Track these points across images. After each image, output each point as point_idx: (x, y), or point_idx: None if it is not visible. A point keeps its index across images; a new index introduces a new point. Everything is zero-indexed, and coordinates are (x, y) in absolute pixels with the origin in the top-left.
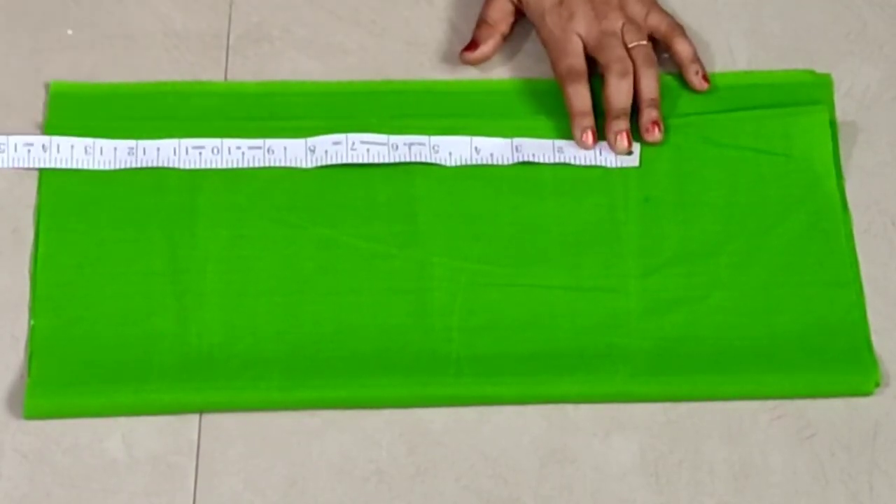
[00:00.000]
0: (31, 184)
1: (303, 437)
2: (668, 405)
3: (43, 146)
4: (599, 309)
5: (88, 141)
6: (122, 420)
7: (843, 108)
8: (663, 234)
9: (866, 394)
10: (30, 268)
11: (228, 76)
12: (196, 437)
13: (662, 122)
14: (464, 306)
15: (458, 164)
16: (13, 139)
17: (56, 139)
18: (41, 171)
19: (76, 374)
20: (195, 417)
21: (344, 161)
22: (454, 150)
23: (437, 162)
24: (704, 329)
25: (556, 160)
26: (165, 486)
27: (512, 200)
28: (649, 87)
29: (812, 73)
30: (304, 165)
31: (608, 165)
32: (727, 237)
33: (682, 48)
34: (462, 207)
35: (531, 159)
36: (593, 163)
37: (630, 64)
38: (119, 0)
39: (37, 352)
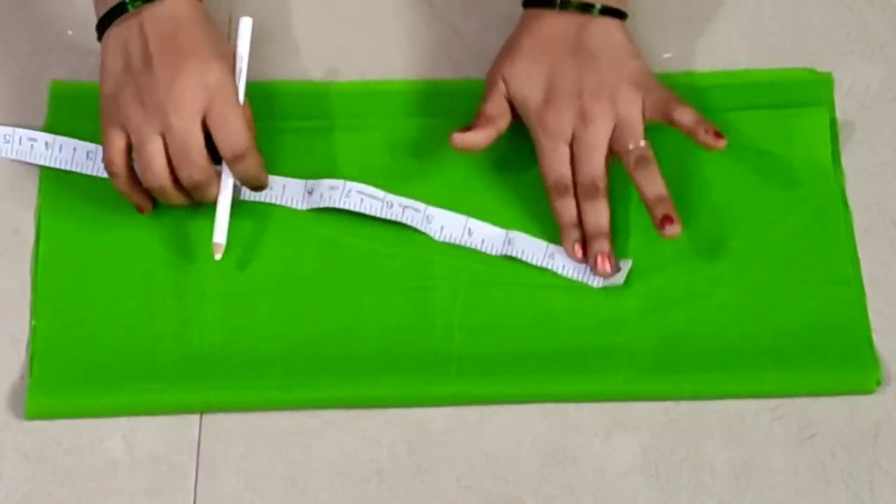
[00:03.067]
0: (32, 184)
1: (303, 437)
2: (669, 405)
3: (46, 143)
4: (601, 308)
5: (91, 146)
6: (123, 420)
7: (844, 108)
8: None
9: (868, 392)
10: (31, 268)
11: None
12: (197, 436)
13: (676, 212)
14: (465, 305)
15: (447, 241)
16: (19, 132)
17: (60, 139)
18: (41, 171)
19: (77, 374)
20: (196, 417)
21: (337, 206)
22: (447, 225)
23: (427, 232)
24: (706, 328)
25: (544, 265)
26: (166, 486)
27: (511, 199)
28: (651, 187)
29: (812, 71)
30: (299, 207)
31: (594, 285)
32: (728, 236)
33: (682, 117)
34: (461, 207)
35: (520, 256)
36: (581, 278)
37: (602, 183)
38: None
39: (38, 352)
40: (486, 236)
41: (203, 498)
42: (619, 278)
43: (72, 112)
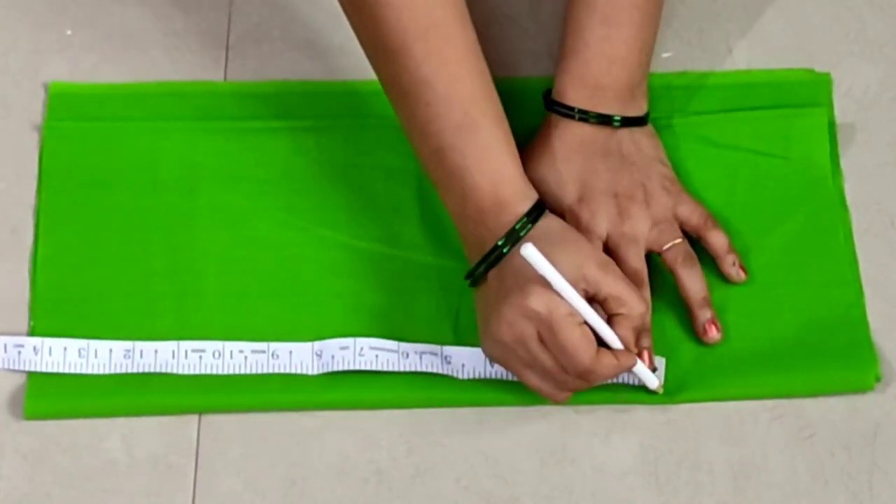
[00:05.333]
0: (31, 184)
1: (302, 438)
2: (667, 405)
3: (34, 348)
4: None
5: (82, 343)
6: (122, 420)
7: (843, 109)
8: None
9: (866, 389)
10: (29, 268)
11: (228, 76)
12: (195, 437)
13: (719, 321)
14: (464, 307)
15: (471, 377)
16: (2, 339)
17: (48, 341)
18: (40, 170)
19: (76, 376)
20: (195, 417)
21: (352, 367)
22: (467, 361)
23: (449, 373)
24: None
25: None
26: (165, 486)
27: None
28: (696, 288)
29: (811, 72)
30: (310, 372)
31: (630, 382)
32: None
33: (715, 240)
34: None
35: None
36: (616, 379)
37: (645, 276)
38: (119, 0)
39: None
40: None
41: (202, 498)
42: (659, 379)
43: (71, 112)
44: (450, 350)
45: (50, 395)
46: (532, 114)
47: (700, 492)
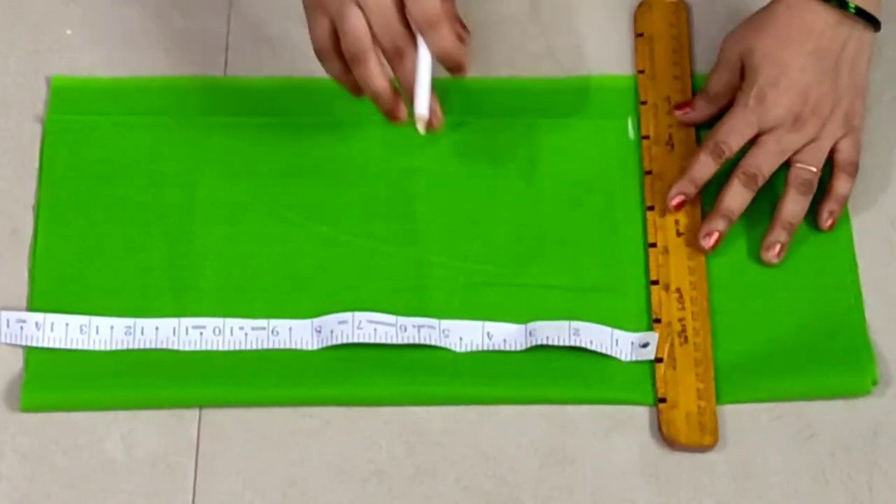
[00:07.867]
0: (31, 184)
1: (302, 437)
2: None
3: (36, 324)
4: (598, 309)
5: (84, 319)
6: (122, 420)
7: None
8: None
9: (863, 393)
10: (28, 261)
11: (228, 76)
12: (195, 437)
13: (787, 247)
14: (462, 305)
15: (469, 350)
16: (5, 315)
17: (50, 317)
18: (41, 163)
19: (73, 367)
20: (194, 418)
21: (351, 341)
22: (465, 335)
23: (447, 346)
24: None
25: (573, 343)
26: (165, 486)
27: (511, 199)
28: (792, 212)
29: None
30: (309, 347)
31: (623, 359)
32: (725, 240)
33: (840, 185)
34: (461, 206)
35: (545, 342)
36: (609, 352)
37: (763, 181)
38: (119, 0)
39: (34, 346)
40: (507, 335)
41: (202, 498)
42: (650, 353)
43: (72, 105)
44: (448, 323)
45: (46, 388)
46: (532, 114)
47: (700, 492)
